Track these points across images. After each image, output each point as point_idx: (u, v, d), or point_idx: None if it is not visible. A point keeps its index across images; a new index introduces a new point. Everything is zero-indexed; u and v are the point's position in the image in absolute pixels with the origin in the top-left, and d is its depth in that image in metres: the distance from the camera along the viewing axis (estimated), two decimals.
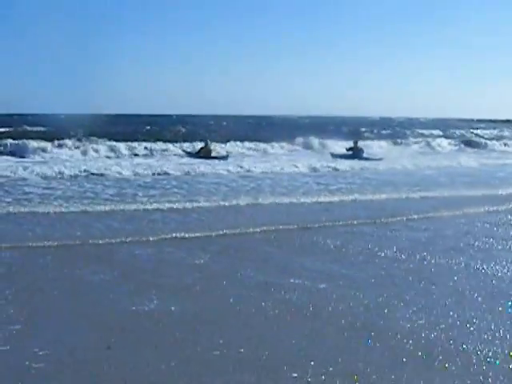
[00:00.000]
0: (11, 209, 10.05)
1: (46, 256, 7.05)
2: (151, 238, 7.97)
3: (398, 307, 5.39)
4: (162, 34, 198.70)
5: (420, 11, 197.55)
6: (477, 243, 8.07)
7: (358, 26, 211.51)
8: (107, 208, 10.35)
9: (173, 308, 5.30)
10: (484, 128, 46.97)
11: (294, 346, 4.49)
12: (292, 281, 6.18)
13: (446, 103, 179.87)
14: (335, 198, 12.05)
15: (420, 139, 34.04)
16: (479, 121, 65.06)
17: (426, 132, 40.47)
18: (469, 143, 34.12)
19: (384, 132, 40.36)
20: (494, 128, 46.46)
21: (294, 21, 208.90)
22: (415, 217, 9.96)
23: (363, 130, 40.58)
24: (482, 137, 38.85)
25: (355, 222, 9.38)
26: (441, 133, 40.14)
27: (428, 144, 32.44)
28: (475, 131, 43.19)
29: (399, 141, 32.71)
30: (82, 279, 6.22)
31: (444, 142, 33.89)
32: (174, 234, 8.19)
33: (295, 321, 5.04)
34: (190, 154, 22.55)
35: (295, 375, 3.97)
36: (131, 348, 4.43)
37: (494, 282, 6.26)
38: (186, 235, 8.17)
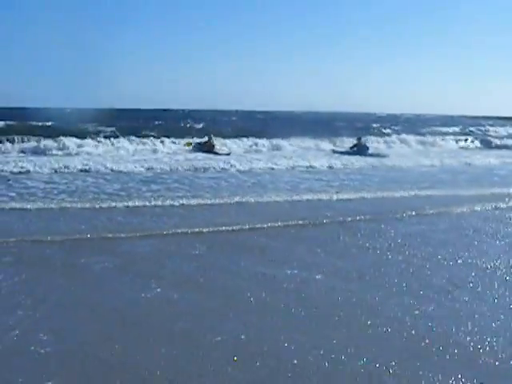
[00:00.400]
0: (16, 204, 10.19)
1: (52, 247, 7.29)
2: (154, 233, 8.15)
3: (391, 297, 5.61)
4: (166, 30, 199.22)
5: (422, 10, 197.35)
6: (465, 238, 8.31)
7: (359, 25, 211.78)
8: (109, 203, 10.48)
9: (175, 296, 5.54)
10: (492, 125, 45.84)
11: (293, 333, 4.69)
12: (289, 272, 6.40)
13: (448, 100, 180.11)
14: (334, 196, 12.06)
15: (441, 137, 33.10)
16: (485, 117, 63.79)
17: (442, 129, 39.53)
18: (487, 141, 33.03)
19: (397, 128, 38.75)
20: (504, 125, 45.44)
21: (298, 18, 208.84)
22: (412, 213, 10.09)
23: (375, 125, 39.09)
24: (499, 134, 37.73)
25: (350, 219, 9.50)
26: (457, 129, 39.15)
27: (447, 141, 31.65)
28: (490, 128, 41.67)
29: (423, 138, 31.62)
30: (86, 269, 6.43)
31: (468, 139, 33.06)
32: (176, 230, 8.36)
33: (293, 309, 5.25)
34: (195, 148, 22.89)
35: (295, 362, 4.17)
36: (134, 334, 4.64)
37: (483, 273, 6.49)
38: (188, 230, 8.33)
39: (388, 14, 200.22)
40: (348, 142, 25.41)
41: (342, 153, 23.27)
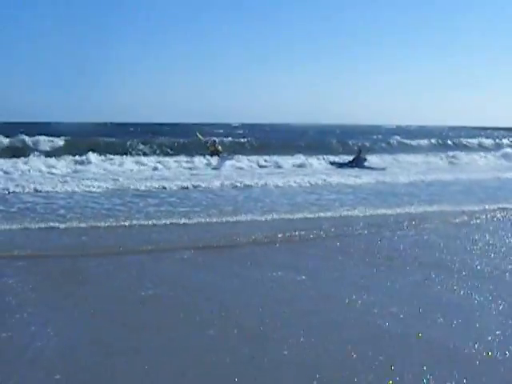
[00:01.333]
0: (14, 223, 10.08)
1: (54, 258, 7.80)
2: (150, 247, 8.46)
3: (367, 295, 6.15)
4: (167, 41, 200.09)
5: (421, 21, 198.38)
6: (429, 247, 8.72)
7: (357, 38, 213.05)
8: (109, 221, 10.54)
9: (170, 294, 6.18)
10: (504, 136, 44.83)
11: (283, 326, 5.21)
12: (274, 274, 7.01)
13: (449, 111, 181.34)
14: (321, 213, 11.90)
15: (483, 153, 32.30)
16: (491, 129, 62.46)
17: (472, 141, 38.61)
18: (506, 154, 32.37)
19: (423, 142, 36.34)
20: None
21: (299, 29, 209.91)
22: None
23: (398, 138, 37.19)
24: None
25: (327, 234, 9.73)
26: (485, 141, 38.44)
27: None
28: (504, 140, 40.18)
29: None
30: (88, 273, 7.01)
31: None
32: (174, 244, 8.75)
33: (280, 305, 5.83)
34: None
35: (286, 353, 4.59)
36: (132, 332, 5.10)
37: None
38: (182, 244, 8.70)
39: (389, 26, 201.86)
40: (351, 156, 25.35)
41: (339, 165, 23.67)
